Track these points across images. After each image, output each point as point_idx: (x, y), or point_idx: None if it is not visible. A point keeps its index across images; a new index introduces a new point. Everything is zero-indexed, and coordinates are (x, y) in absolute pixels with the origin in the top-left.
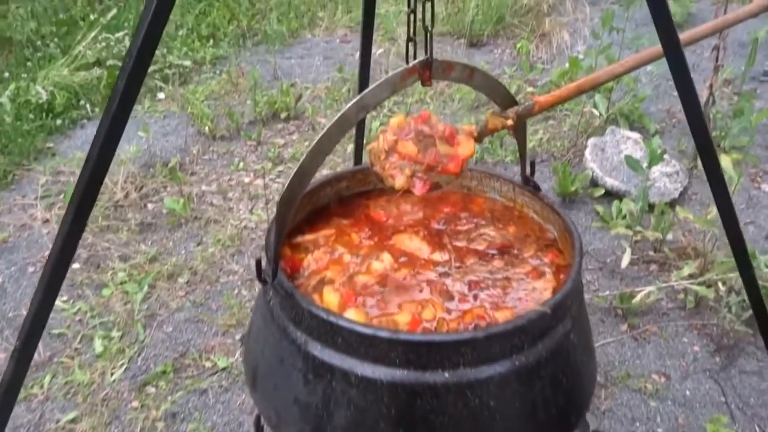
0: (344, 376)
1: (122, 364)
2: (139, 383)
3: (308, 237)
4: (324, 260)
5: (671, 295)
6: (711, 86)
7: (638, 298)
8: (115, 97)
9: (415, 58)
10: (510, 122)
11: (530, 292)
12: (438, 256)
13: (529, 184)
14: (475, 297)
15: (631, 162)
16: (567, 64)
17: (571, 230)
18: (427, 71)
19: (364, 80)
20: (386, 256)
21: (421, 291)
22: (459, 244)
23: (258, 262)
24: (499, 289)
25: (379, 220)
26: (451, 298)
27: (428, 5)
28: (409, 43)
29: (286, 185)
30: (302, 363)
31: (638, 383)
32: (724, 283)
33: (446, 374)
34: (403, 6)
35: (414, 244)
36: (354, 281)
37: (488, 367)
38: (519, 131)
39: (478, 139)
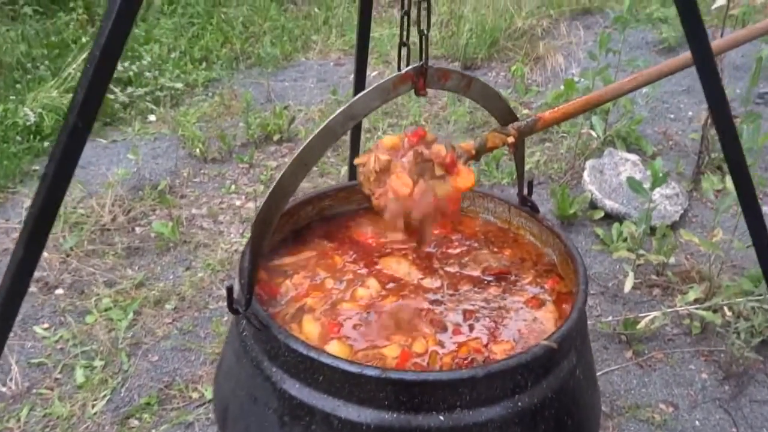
0: (325, 419)
1: (104, 396)
2: (122, 416)
3: (287, 260)
4: (304, 286)
5: (676, 320)
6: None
7: (642, 323)
8: (75, 106)
9: (408, 65)
10: (511, 139)
11: (530, 323)
12: (429, 282)
13: (526, 204)
14: (471, 328)
15: (633, 183)
16: (562, 87)
17: (573, 255)
18: (422, 79)
19: None
20: (372, 282)
21: (411, 321)
22: (451, 269)
23: (229, 290)
24: (496, 319)
25: (364, 241)
26: (444, 329)
27: (423, 6)
28: (402, 48)
29: (262, 203)
30: (278, 403)
31: (645, 413)
32: (730, 308)
33: (441, 417)
34: (397, 30)
35: (402, 268)
36: (337, 310)
37: (488, 409)
38: (517, 149)
39: (476, 156)
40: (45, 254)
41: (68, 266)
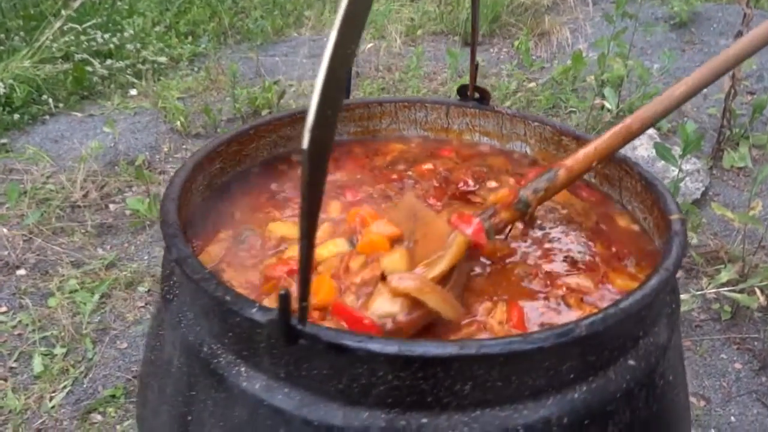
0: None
1: (64, 387)
2: (83, 410)
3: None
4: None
5: (703, 304)
6: (733, 77)
7: None
8: None
9: None
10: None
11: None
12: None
13: (472, 97)
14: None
15: (662, 150)
16: (569, 61)
17: (566, 130)
18: None
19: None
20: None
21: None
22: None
23: (285, 299)
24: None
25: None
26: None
27: None
28: None
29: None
30: None
31: None
32: (762, 291)
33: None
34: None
35: (333, 209)
36: (341, 282)
37: (605, 378)
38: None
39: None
40: (5, 231)
41: (32, 245)
